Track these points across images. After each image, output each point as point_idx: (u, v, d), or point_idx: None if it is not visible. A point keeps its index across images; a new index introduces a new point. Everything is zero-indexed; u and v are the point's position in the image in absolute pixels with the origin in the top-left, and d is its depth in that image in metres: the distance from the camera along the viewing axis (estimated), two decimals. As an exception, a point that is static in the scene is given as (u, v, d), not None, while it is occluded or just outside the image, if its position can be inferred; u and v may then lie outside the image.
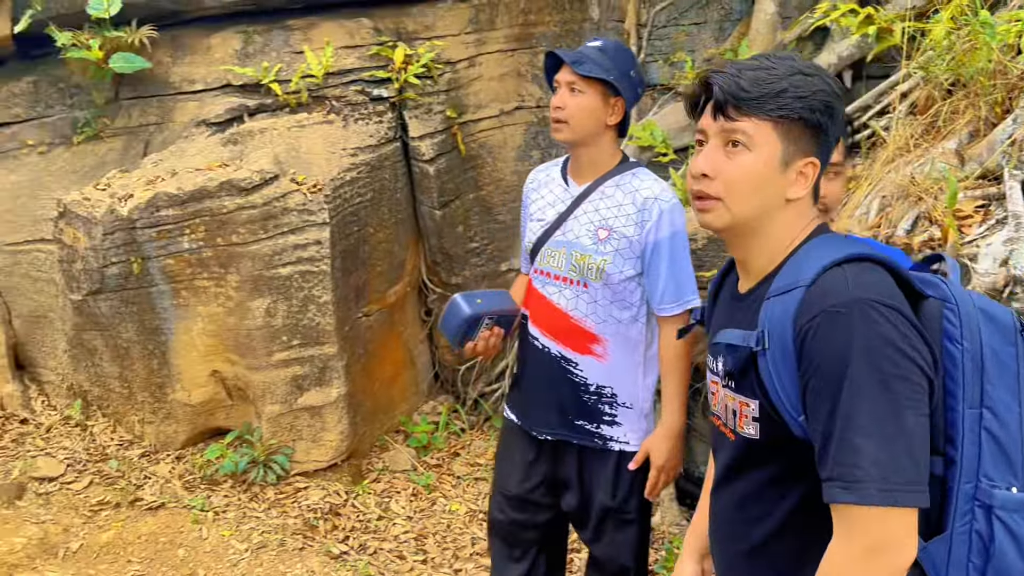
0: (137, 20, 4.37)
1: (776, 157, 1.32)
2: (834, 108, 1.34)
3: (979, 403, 1.23)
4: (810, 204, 1.40)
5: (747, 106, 1.30)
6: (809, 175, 1.35)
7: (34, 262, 4.39)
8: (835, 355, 1.21)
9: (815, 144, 1.35)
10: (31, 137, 4.56)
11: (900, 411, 1.18)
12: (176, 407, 4.10)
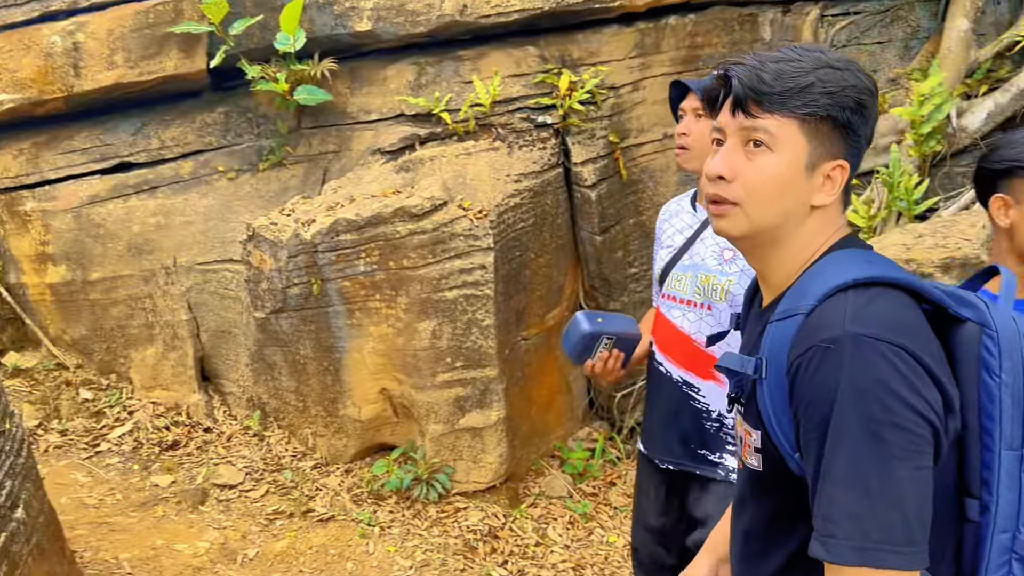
0: (319, 53, 4.63)
1: (801, 159, 1.19)
2: (866, 106, 1.20)
3: (1021, 444, 1.10)
4: (838, 212, 1.26)
5: (770, 102, 1.17)
6: (837, 180, 1.22)
7: (222, 281, 4.71)
8: (823, 396, 1.08)
9: (844, 145, 1.21)
10: (222, 164, 4.91)
11: (889, 463, 1.04)
12: (346, 422, 4.28)
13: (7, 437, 2.76)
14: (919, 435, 1.05)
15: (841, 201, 1.26)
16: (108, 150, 4.90)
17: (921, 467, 1.06)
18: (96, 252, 4.85)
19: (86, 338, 5.01)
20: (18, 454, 2.80)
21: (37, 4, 4.63)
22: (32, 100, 4.70)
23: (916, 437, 1.05)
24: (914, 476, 1.05)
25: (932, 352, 1.10)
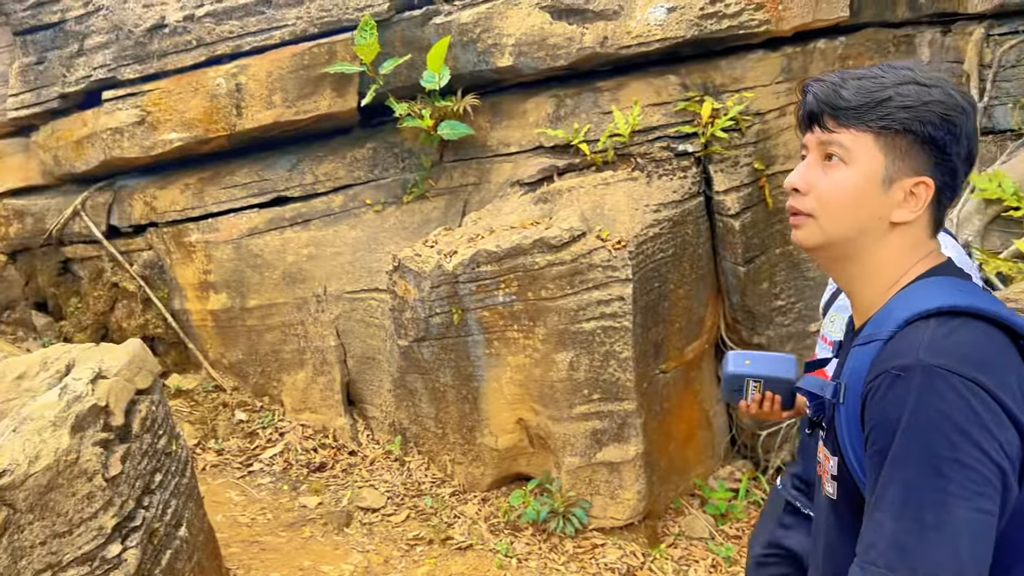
0: (462, 90, 4.75)
1: (877, 173, 1.17)
2: (954, 123, 1.14)
3: None
4: (927, 233, 1.22)
5: (845, 116, 1.17)
6: (921, 196, 1.17)
7: (368, 309, 4.89)
8: (887, 424, 1.05)
9: (929, 162, 1.16)
10: (369, 197, 5.11)
11: (947, 499, 0.99)
12: (484, 450, 4.31)
13: (173, 458, 2.95)
14: (984, 476, 1.00)
15: (930, 222, 1.22)
16: (266, 185, 5.21)
17: (983, 510, 1.00)
18: (253, 281, 5.14)
19: (242, 362, 5.31)
20: (182, 474, 2.99)
21: (204, 49, 5.00)
22: (198, 138, 5.07)
23: (980, 478, 1.00)
24: (973, 518, 0.99)
25: (1013, 389, 1.04)
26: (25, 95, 5.35)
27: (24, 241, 5.71)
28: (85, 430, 2.51)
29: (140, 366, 2.93)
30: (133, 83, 5.09)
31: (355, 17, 4.77)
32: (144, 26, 5.03)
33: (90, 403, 2.56)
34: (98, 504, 2.43)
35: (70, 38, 5.25)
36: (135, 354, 2.95)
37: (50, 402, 2.50)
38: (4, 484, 2.21)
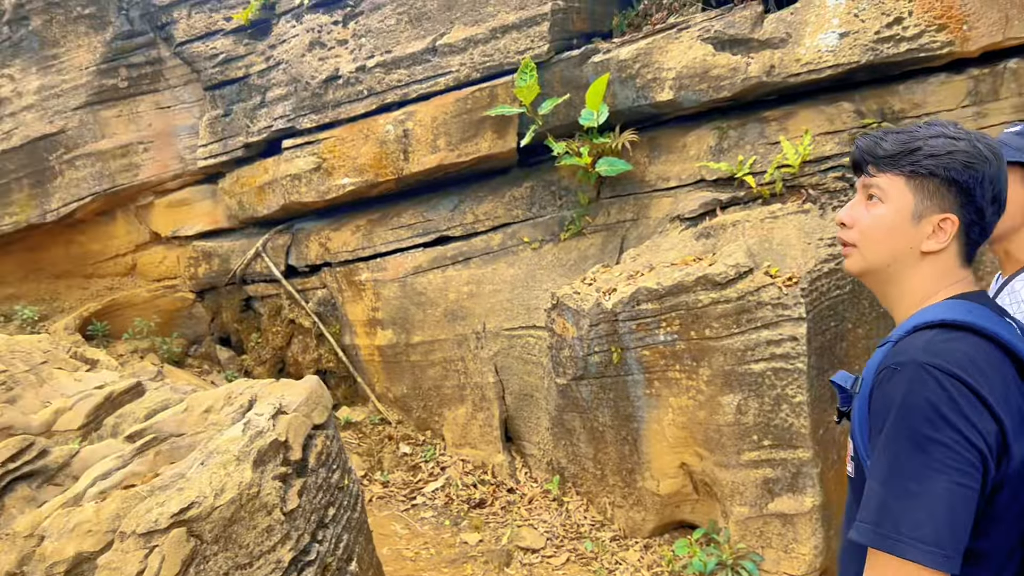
0: (620, 126, 4.72)
1: (907, 209, 1.37)
2: (977, 169, 1.33)
3: None
4: (957, 263, 1.39)
5: (882, 163, 1.39)
6: (947, 230, 1.36)
7: (525, 346, 4.90)
8: (885, 408, 1.25)
9: (955, 202, 1.36)
10: (527, 235, 5.15)
11: (929, 473, 1.18)
12: (645, 495, 4.18)
13: (346, 493, 3.03)
14: (961, 455, 1.18)
15: (959, 253, 1.39)
16: (429, 225, 5.37)
17: (960, 483, 1.18)
18: (417, 318, 5.30)
19: (406, 396, 5.46)
20: (354, 509, 3.06)
21: (375, 98, 5.25)
22: (369, 182, 5.31)
23: (958, 456, 1.18)
24: (951, 488, 1.17)
25: (997, 391, 1.22)
26: (213, 145, 5.82)
27: (211, 280, 6.18)
28: (266, 464, 2.63)
29: (317, 402, 3.05)
30: (310, 132, 5.42)
31: (516, 60, 4.86)
32: (320, 78, 5.36)
33: (271, 438, 2.68)
34: (276, 537, 2.53)
35: (253, 91, 5.67)
36: (312, 390, 3.08)
37: (234, 436, 2.64)
38: (192, 516, 2.34)
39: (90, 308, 6.36)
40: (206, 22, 5.84)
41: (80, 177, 6.08)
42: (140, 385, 4.31)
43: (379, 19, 5.33)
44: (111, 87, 6.04)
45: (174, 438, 3.06)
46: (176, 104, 6.13)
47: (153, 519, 2.35)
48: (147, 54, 6.05)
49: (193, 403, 3.39)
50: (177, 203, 6.26)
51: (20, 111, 6.09)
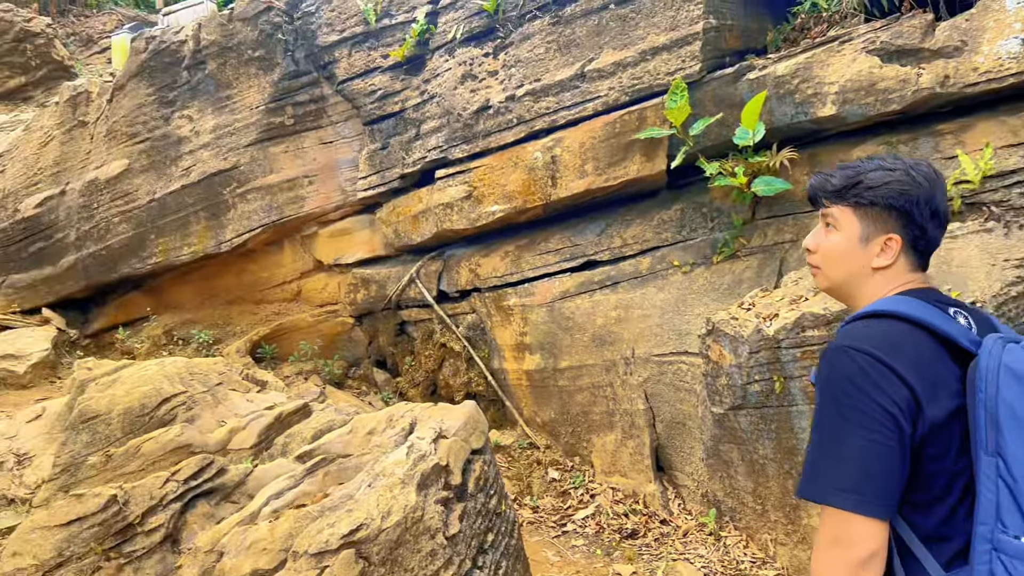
0: (777, 144, 4.54)
1: (856, 234, 1.61)
2: (911, 194, 1.56)
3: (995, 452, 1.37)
4: (903, 271, 1.61)
5: (832, 196, 1.64)
6: (893, 248, 1.60)
7: (677, 373, 4.78)
8: (817, 387, 1.51)
9: (897, 223, 1.59)
10: (677, 258, 5.04)
11: (847, 434, 1.42)
12: (810, 532, 3.95)
13: (503, 519, 3.04)
14: (874, 417, 1.40)
15: (908, 263, 1.61)
16: (576, 250, 5.37)
17: (873, 440, 1.39)
18: (565, 343, 5.29)
19: (554, 421, 5.45)
20: (511, 535, 3.07)
21: (523, 126, 5.33)
22: (517, 209, 5.37)
23: (871, 419, 1.40)
24: (866, 445, 1.40)
25: (909, 362, 1.43)
26: (371, 177, 6.08)
27: (369, 305, 6.44)
28: (429, 488, 2.68)
29: (474, 427, 3.09)
30: (461, 161, 5.57)
31: (666, 82, 4.80)
32: (471, 109, 5.50)
33: (433, 462, 2.73)
34: (439, 562, 2.56)
35: (408, 125, 5.89)
36: (470, 415, 3.12)
37: (399, 459, 2.71)
38: (361, 537, 2.41)
39: (259, 332, 6.78)
40: (365, 60, 6.14)
41: (251, 209, 6.52)
42: (307, 406, 4.52)
43: (528, 49, 5.41)
44: (279, 124, 6.46)
45: (341, 459, 3.18)
46: (338, 139, 6.46)
47: (324, 540, 2.44)
48: (311, 92, 6.42)
49: (357, 425, 3.51)
50: (338, 233, 6.58)
51: (198, 149, 6.61)
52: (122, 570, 2.64)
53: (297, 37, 6.42)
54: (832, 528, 1.42)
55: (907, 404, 1.40)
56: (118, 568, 2.64)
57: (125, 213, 6.85)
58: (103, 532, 2.75)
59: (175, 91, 6.79)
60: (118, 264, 6.95)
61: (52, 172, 7.36)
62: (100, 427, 4.36)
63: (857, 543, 1.40)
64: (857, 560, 1.39)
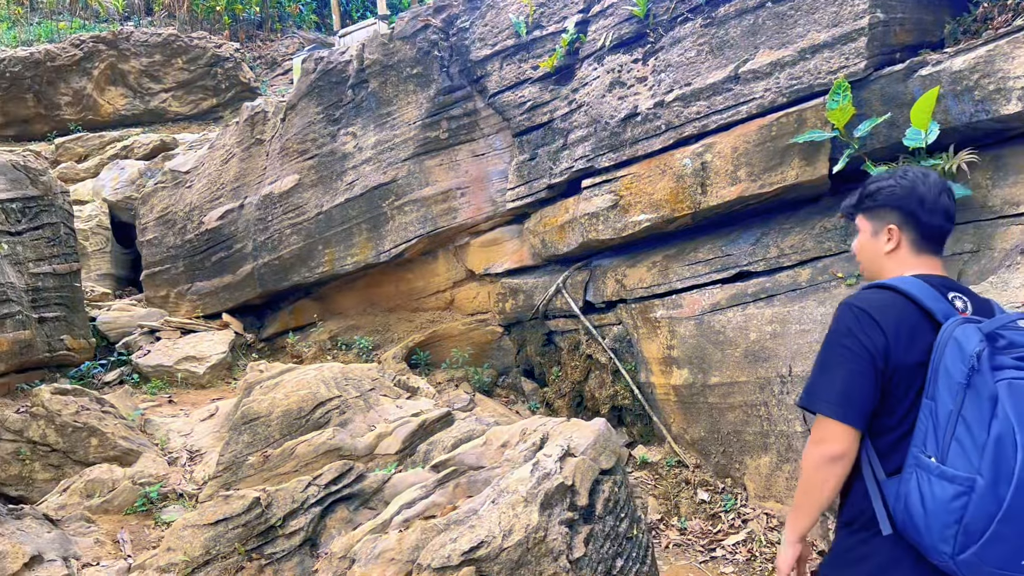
0: (954, 145, 4.12)
1: (869, 231, 2.19)
2: (897, 194, 2.11)
3: (932, 397, 1.85)
4: (909, 256, 2.11)
5: (852, 210, 2.26)
6: (893, 235, 2.12)
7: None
8: None
9: (896, 217, 2.11)
10: (840, 270, 4.69)
11: (837, 363, 1.96)
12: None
13: (634, 544, 2.93)
14: (857, 354, 1.93)
15: (912, 246, 2.11)
16: (728, 260, 5.12)
17: (854, 368, 1.92)
18: (715, 358, 5.06)
19: (704, 439, 5.23)
20: (643, 561, 2.94)
21: (672, 132, 5.16)
22: (664, 218, 5.21)
23: (854, 354, 1.93)
24: (849, 370, 1.93)
25: (889, 319, 1.94)
26: (520, 188, 6.12)
27: (517, 315, 6.48)
28: (552, 508, 2.62)
29: (605, 446, 3.00)
30: (607, 170, 5.48)
31: (827, 81, 4.49)
32: (618, 117, 5.40)
33: (558, 481, 2.67)
34: (562, 584, 2.50)
35: (556, 135, 5.87)
36: (600, 433, 3.03)
37: (523, 477, 2.67)
38: (481, 555, 2.39)
39: (415, 339, 6.99)
40: (516, 72, 6.19)
41: (408, 221, 6.74)
42: (450, 415, 4.59)
43: (679, 52, 5.25)
44: (434, 139, 6.64)
45: (472, 471, 3.19)
46: (489, 151, 6.56)
47: (446, 555, 2.44)
48: (465, 106, 6.56)
49: (492, 436, 3.51)
50: (489, 243, 6.67)
51: (360, 164, 6.92)
52: (263, 571, 2.77)
53: (452, 53, 6.58)
54: (819, 430, 1.96)
55: (882, 348, 1.90)
56: (259, 569, 2.77)
57: (295, 225, 7.29)
58: (246, 533, 2.90)
59: (341, 109, 7.16)
60: (289, 273, 7.41)
61: (232, 187, 7.97)
62: (260, 428, 4.63)
63: (833, 442, 1.92)
64: (832, 454, 1.92)
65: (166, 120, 13.34)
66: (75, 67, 12.39)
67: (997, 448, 1.75)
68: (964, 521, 1.78)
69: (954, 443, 1.81)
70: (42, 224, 6.88)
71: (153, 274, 8.57)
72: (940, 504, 1.80)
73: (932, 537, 1.83)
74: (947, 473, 1.80)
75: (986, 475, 1.75)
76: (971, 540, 1.77)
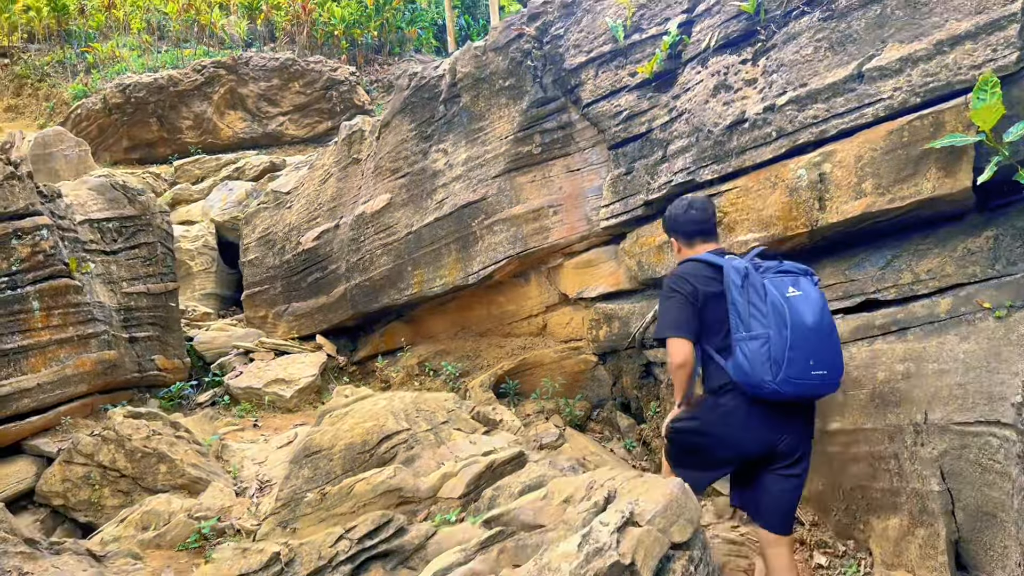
0: None
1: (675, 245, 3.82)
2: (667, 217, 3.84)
3: (731, 302, 3.28)
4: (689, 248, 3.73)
5: None
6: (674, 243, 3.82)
7: (985, 448, 3.68)
8: None
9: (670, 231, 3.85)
10: (988, 299, 3.93)
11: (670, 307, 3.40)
12: None
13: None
14: (681, 296, 3.39)
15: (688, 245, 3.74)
16: (852, 287, 4.43)
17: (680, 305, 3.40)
18: (836, 400, 4.36)
19: (822, 494, 4.52)
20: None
21: (784, 140, 4.54)
22: (775, 237, 4.58)
23: (679, 297, 3.40)
24: (677, 308, 3.40)
25: (697, 277, 3.44)
26: (615, 205, 5.61)
27: (611, 343, 5.95)
28: (605, 593, 2.11)
29: (679, 513, 2.46)
30: (710, 184, 4.90)
31: (969, 77, 3.78)
32: (723, 124, 4.82)
33: (612, 559, 2.16)
34: None
35: (654, 146, 5.34)
36: (674, 498, 2.50)
37: (568, 552, 2.17)
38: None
39: (504, 366, 6.57)
40: (612, 80, 5.72)
41: (497, 241, 6.36)
42: (522, 456, 4.14)
43: (794, 50, 4.63)
44: (526, 154, 6.25)
45: (524, 532, 2.72)
46: (585, 166, 6.09)
47: (465, 647, 1.98)
48: (558, 119, 6.13)
49: (554, 489, 3.04)
50: (583, 264, 6.20)
51: (451, 182, 6.61)
52: (273, 638, 2.40)
53: (545, 63, 6.19)
54: (669, 349, 3.37)
55: (692, 292, 3.39)
56: (268, 636, 2.41)
57: (386, 245, 7.06)
58: (261, 592, 2.55)
59: (432, 126, 6.89)
60: (379, 295, 7.18)
61: (329, 207, 7.85)
62: (322, 462, 4.33)
63: (678, 353, 3.35)
64: (680, 362, 3.35)
65: (282, 143, 13.63)
66: (196, 92, 12.85)
67: (774, 311, 3.15)
68: (772, 357, 3.12)
69: (750, 318, 3.20)
70: (138, 243, 6.95)
71: (253, 294, 8.58)
72: (754, 353, 3.16)
73: (758, 373, 3.15)
74: (752, 335, 3.19)
75: (773, 328, 3.14)
76: (778, 367, 3.11)
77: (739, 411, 3.31)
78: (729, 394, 3.33)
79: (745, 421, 3.31)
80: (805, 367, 3.12)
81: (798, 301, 3.18)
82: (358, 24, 16.65)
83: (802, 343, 3.10)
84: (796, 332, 3.09)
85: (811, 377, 3.16)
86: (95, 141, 12.74)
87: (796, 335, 3.09)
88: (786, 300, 3.15)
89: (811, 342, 3.13)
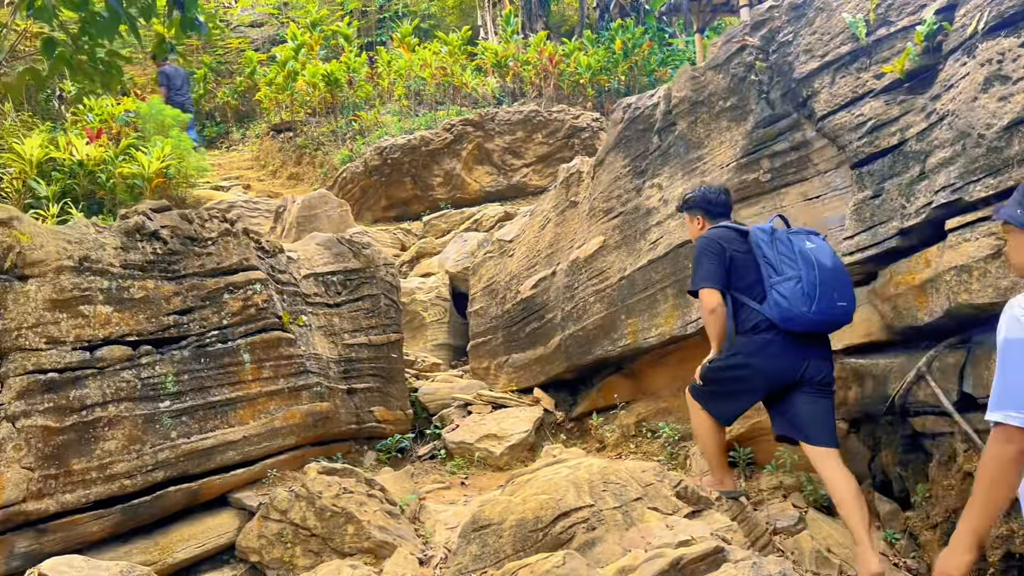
0: None
1: (688, 224, 5.12)
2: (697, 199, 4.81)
3: (761, 256, 4.18)
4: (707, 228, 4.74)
5: None
6: (695, 219, 4.83)
7: None
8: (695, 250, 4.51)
9: (696, 211, 4.89)
10: None
11: (704, 263, 4.28)
12: None
13: None
14: (715, 255, 4.26)
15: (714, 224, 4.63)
16: None
17: (713, 262, 4.26)
18: None
19: None
20: None
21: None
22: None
23: (713, 255, 4.26)
24: (711, 264, 4.25)
25: (724, 239, 4.34)
26: (861, 236, 4.56)
27: (864, 407, 4.82)
28: None
29: None
30: (984, 203, 3.75)
31: None
32: (998, 125, 3.67)
33: None
34: None
35: (909, 160, 4.26)
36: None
37: None
38: None
39: (733, 431, 5.64)
40: (852, 85, 4.71)
41: (720, 284, 5.51)
42: (719, 552, 3.31)
43: (1104, 17, 3.40)
44: (752, 182, 5.38)
45: None
46: (826, 192, 5.09)
47: None
48: (790, 138, 5.21)
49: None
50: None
51: (665, 219, 5.89)
52: None
53: (772, 75, 5.31)
54: (703, 300, 4.24)
55: (721, 250, 4.25)
56: None
57: (598, 292, 6.48)
58: None
59: (647, 159, 6.24)
60: (592, 346, 6.59)
61: (547, 253, 7.46)
62: (491, 539, 3.80)
63: (711, 301, 4.20)
64: (711, 307, 4.20)
65: (527, 194, 13.65)
66: (446, 149, 13.29)
67: (801, 256, 4.00)
68: (806, 292, 3.92)
69: (781, 265, 4.06)
70: (362, 296, 7.00)
71: (477, 345, 8.39)
72: (791, 291, 3.97)
73: (796, 306, 3.95)
74: (786, 277, 4.02)
75: (803, 269, 3.96)
76: (811, 300, 3.91)
77: (775, 342, 4.07)
78: (763, 331, 4.11)
79: (781, 350, 4.06)
80: (831, 299, 3.94)
81: (815, 250, 4.00)
82: (604, 71, 16.46)
83: (828, 279, 3.92)
84: (822, 271, 3.93)
85: (836, 308, 3.97)
86: (358, 201, 13.63)
87: (822, 273, 3.92)
88: (808, 248, 4.01)
89: (833, 279, 3.95)
